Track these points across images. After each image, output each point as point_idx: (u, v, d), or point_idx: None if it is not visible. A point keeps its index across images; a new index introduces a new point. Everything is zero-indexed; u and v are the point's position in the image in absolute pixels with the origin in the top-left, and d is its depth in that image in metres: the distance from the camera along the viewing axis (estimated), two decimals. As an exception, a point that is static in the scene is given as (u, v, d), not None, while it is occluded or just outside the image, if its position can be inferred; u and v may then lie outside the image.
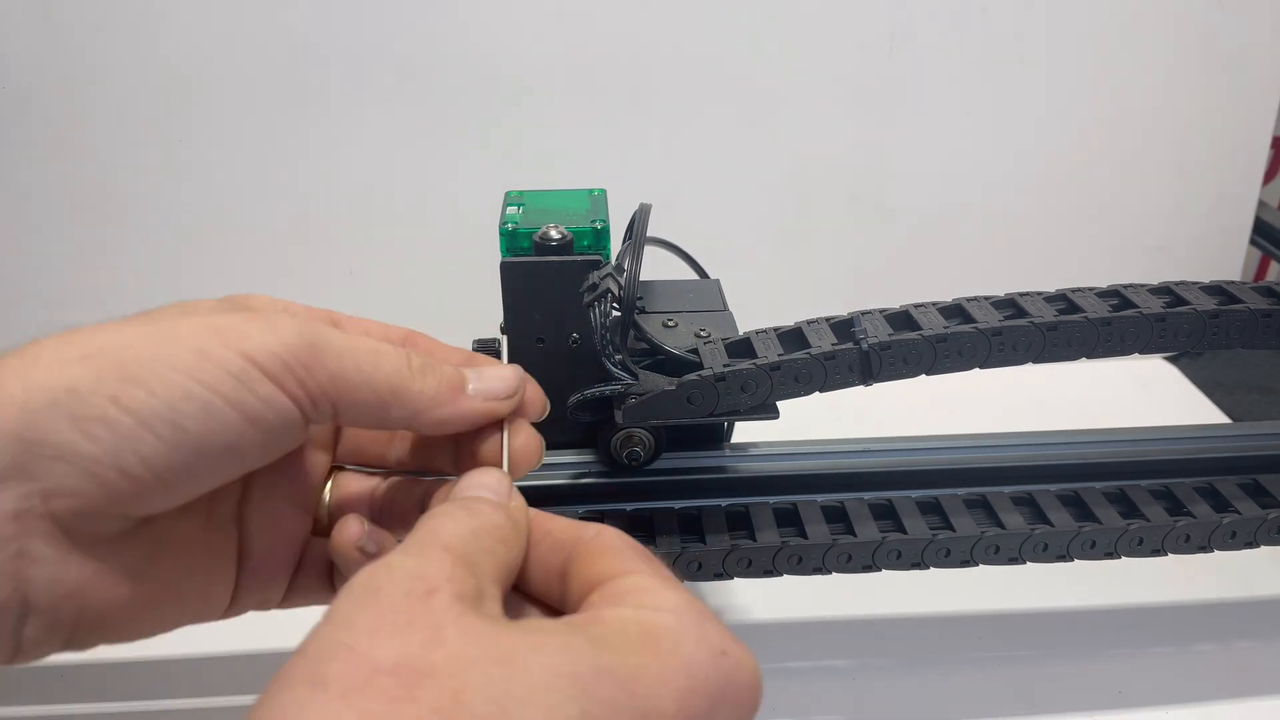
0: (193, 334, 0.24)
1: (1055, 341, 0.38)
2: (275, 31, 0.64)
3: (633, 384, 0.38)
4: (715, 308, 0.43)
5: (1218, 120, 0.75)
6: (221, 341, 0.24)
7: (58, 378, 0.23)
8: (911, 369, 0.38)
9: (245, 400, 0.24)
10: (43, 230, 0.68)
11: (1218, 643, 0.50)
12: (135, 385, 0.23)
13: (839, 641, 0.50)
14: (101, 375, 0.23)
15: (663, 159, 0.70)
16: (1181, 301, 0.39)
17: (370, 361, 0.26)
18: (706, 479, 0.42)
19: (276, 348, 0.24)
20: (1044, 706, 0.46)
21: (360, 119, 0.67)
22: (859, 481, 0.43)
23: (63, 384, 0.23)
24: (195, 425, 0.23)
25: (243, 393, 0.24)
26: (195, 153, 0.66)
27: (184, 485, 0.24)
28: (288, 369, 0.25)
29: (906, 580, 0.44)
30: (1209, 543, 0.42)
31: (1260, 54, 0.73)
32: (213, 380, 0.24)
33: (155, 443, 0.23)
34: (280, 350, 0.24)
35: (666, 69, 0.68)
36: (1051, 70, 0.71)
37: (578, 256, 0.39)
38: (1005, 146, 0.73)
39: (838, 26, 0.68)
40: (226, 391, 0.24)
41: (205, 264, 0.69)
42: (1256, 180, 0.78)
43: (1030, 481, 0.43)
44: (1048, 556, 0.42)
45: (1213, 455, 0.45)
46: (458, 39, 0.65)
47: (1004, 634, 0.51)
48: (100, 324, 0.25)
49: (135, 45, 0.63)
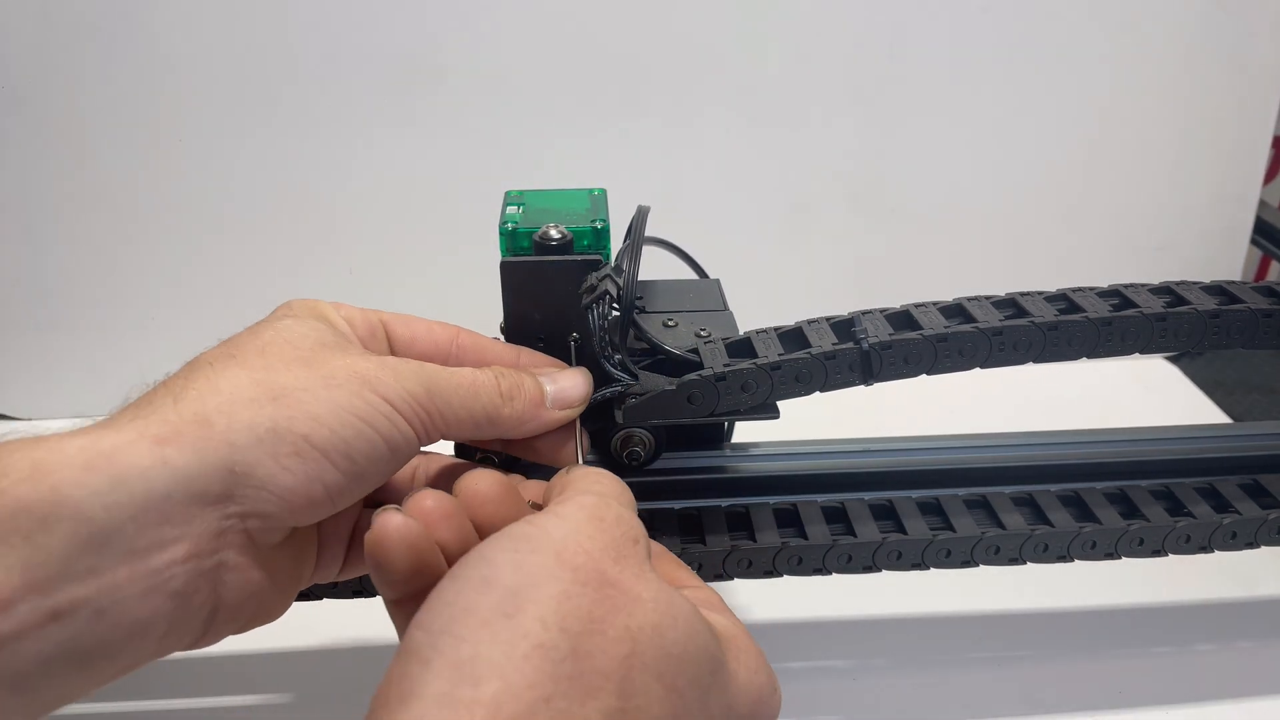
0: (348, 380, 0.29)
1: (1056, 341, 0.38)
2: (275, 31, 0.64)
3: (633, 384, 0.38)
4: (715, 308, 0.43)
5: (1218, 120, 0.75)
6: (371, 388, 0.29)
7: (258, 418, 0.27)
8: (912, 369, 0.38)
9: (393, 435, 0.30)
10: (41, 229, 0.68)
11: (1218, 643, 0.50)
12: (320, 425, 0.28)
13: (839, 641, 0.50)
14: (293, 416, 0.28)
15: (663, 159, 0.70)
16: (1182, 301, 0.39)
17: (471, 395, 0.32)
18: (706, 479, 0.42)
19: (406, 393, 0.30)
20: (1044, 706, 0.46)
21: (360, 119, 0.66)
22: (859, 481, 0.43)
23: (265, 424, 0.27)
24: (361, 456, 0.29)
25: (391, 430, 0.30)
26: (195, 152, 0.66)
27: (345, 502, 0.30)
28: (414, 410, 0.31)
29: (906, 580, 0.44)
30: (1209, 543, 0.42)
31: (1260, 54, 0.73)
32: (372, 420, 0.29)
33: (334, 472, 0.28)
34: (408, 395, 0.30)
35: (667, 68, 0.68)
36: (1052, 70, 0.71)
37: (577, 256, 0.39)
38: (1005, 146, 0.73)
39: (838, 26, 0.68)
40: (382, 429, 0.29)
41: (205, 263, 0.69)
42: (1257, 180, 0.78)
43: (1031, 482, 0.43)
44: (1048, 557, 0.42)
45: (1213, 455, 0.45)
46: (458, 39, 0.65)
47: (1004, 634, 0.51)
48: (249, 358, 0.29)
49: (135, 45, 0.63)
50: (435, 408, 0.31)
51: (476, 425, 0.33)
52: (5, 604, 0.23)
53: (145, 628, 0.26)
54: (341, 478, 0.29)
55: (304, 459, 0.28)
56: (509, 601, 0.24)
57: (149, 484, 0.25)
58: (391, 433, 0.30)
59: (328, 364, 0.29)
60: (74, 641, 0.24)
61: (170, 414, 0.27)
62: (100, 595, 0.24)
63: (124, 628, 0.25)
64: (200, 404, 0.27)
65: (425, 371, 0.31)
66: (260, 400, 0.27)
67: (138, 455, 0.25)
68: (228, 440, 0.27)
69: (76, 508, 0.24)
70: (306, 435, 0.28)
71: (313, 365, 0.29)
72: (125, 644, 0.26)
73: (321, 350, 0.30)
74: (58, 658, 0.24)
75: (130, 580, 0.25)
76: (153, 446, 0.25)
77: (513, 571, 0.24)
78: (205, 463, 0.26)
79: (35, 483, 0.24)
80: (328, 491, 0.29)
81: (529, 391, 0.35)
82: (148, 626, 0.26)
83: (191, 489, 0.26)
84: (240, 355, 0.29)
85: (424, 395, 0.31)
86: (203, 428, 0.26)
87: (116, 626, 0.25)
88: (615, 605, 0.25)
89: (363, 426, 0.29)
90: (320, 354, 0.30)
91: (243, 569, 0.28)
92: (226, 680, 0.48)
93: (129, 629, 0.25)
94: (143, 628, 0.26)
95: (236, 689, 0.47)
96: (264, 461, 0.27)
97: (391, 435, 0.30)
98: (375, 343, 0.35)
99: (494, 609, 0.23)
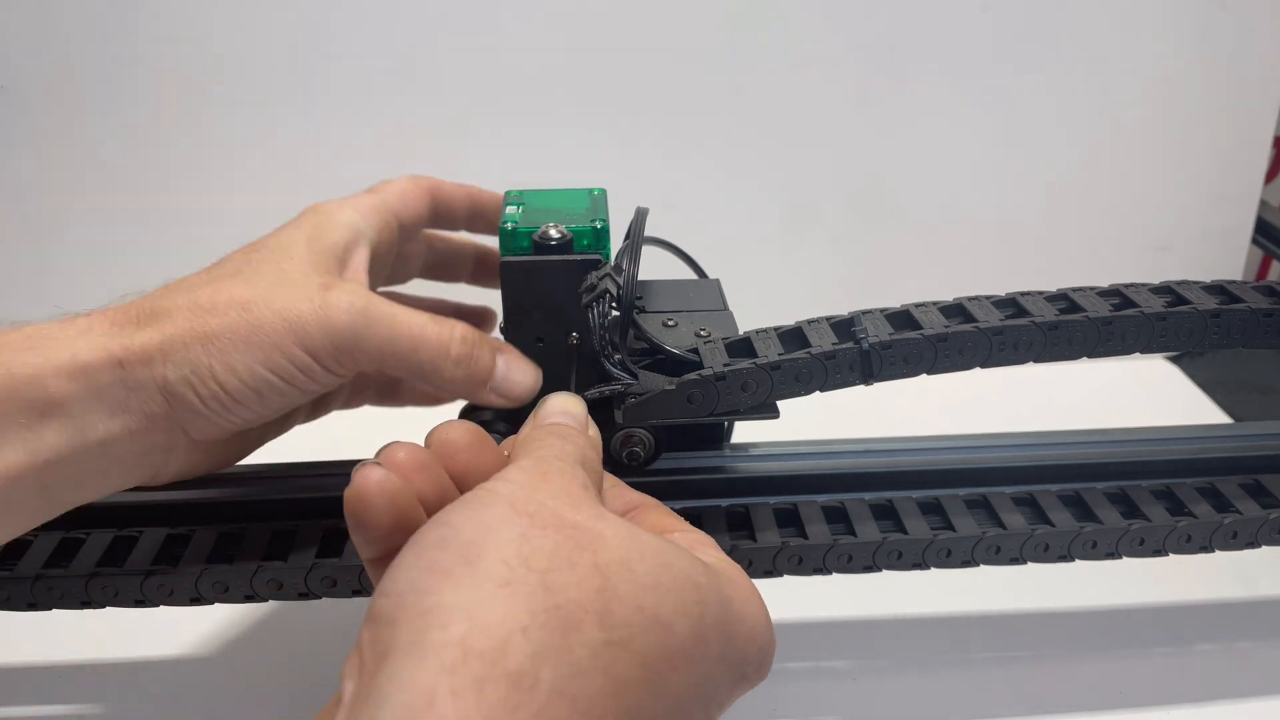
0: (274, 329, 0.33)
1: (1056, 341, 0.38)
2: (275, 31, 0.64)
3: (632, 384, 0.38)
4: (715, 307, 0.43)
5: (1218, 120, 0.75)
6: (295, 339, 0.33)
7: (187, 359, 0.32)
8: (912, 368, 0.38)
9: (306, 384, 0.34)
10: (40, 228, 0.68)
11: (1218, 643, 0.50)
12: (233, 375, 0.33)
13: (839, 641, 0.50)
14: (213, 366, 0.32)
15: (663, 159, 0.70)
16: (1183, 301, 0.39)
17: (410, 348, 0.35)
18: (706, 479, 0.42)
19: (329, 344, 0.33)
20: (1044, 706, 0.46)
21: (360, 118, 0.66)
22: (859, 481, 0.43)
23: (189, 367, 0.32)
24: (273, 401, 0.34)
25: (304, 380, 0.34)
26: (194, 151, 0.66)
27: (269, 418, 0.35)
28: (335, 358, 0.34)
29: (907, 580, 0.44)
30: (1210, 543, 0.42)
31: (1260, 54, 0.73)
32: (285, 373, 0.33)
33: (248, 410, 0.34)
34: (331, 345, 0.33)
35: (667, 68, 0.68)
36: (1052, 70, 0.71)
37: (577, 256, 0.39)
38: (1005, 146, 0.73)
39: (838, 25, 0.68)
40: (296, 380, 0.34)
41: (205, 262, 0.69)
42: (1258, 180, 0.78)
43: (1031, 482, 0.43)
44: (1049, 557, 0.42)
45: (1214, 455, 0.45)
46: (458, 38, 0.65)
47: (1004, 634, 0.51)
48: (219, 283, 0.34)
49: (133, 44, 0.63)
50: (363, 354, 0.34)
51: (410, 374, 0.35)
52: (7, 474, 0.30)
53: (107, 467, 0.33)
54: (255, 413, 0.34)
55: (219, 400, 0.33)
56: (469, 550, 0.23)
57: (114, 395, 0.32)
58: (305, 381, 0.34)
59: (269, 305, 0.33)
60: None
61: (133, 339, 0.32)
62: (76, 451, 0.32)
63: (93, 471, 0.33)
64: (151, 335, 0.32)
65: (367, 315, 0.34)
66: (192, 344, 0.32)
67: (106, 372, 0.32)
68: (164, 375, 0.32)
69: (64, 407, 0.31)
70: (221, 382, 0.32)
71: (251, 309, 0.33)
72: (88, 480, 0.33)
73: (275, 289, 0.34)
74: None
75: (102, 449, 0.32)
76: (115, 367, 0.32)
77: (470, 525, 0.24)
78: (147, 388, 0.32)
79: (35, 386, 0.31)
80: (245, 421, 0.34)
81: (480, 364, 0.37)
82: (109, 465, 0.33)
83: (144, 406, 0.32)
84: (214, 282, 0.34)
85: (351, 343, 0.34)
86: (146, 363, 0.32)
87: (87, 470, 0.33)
88: (578, 543, 0.25)
89: (273, 379, 0.33)
90: (271, 294, 0.33)
91: (184, 452, 0.35)
92: (227, 680, 0.48)
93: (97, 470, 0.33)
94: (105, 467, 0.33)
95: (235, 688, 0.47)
96: (188, 397, 0.32)
97: (305, 383, 0.34)
98: (385, 235, 0.40)
99: (454, 560, 0.23)
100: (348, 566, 0.39)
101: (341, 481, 0.41)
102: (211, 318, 0.33)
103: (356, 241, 0.38)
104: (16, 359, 0.31)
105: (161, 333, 0.32)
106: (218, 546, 0.40)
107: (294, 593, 0.39)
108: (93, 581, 0.38)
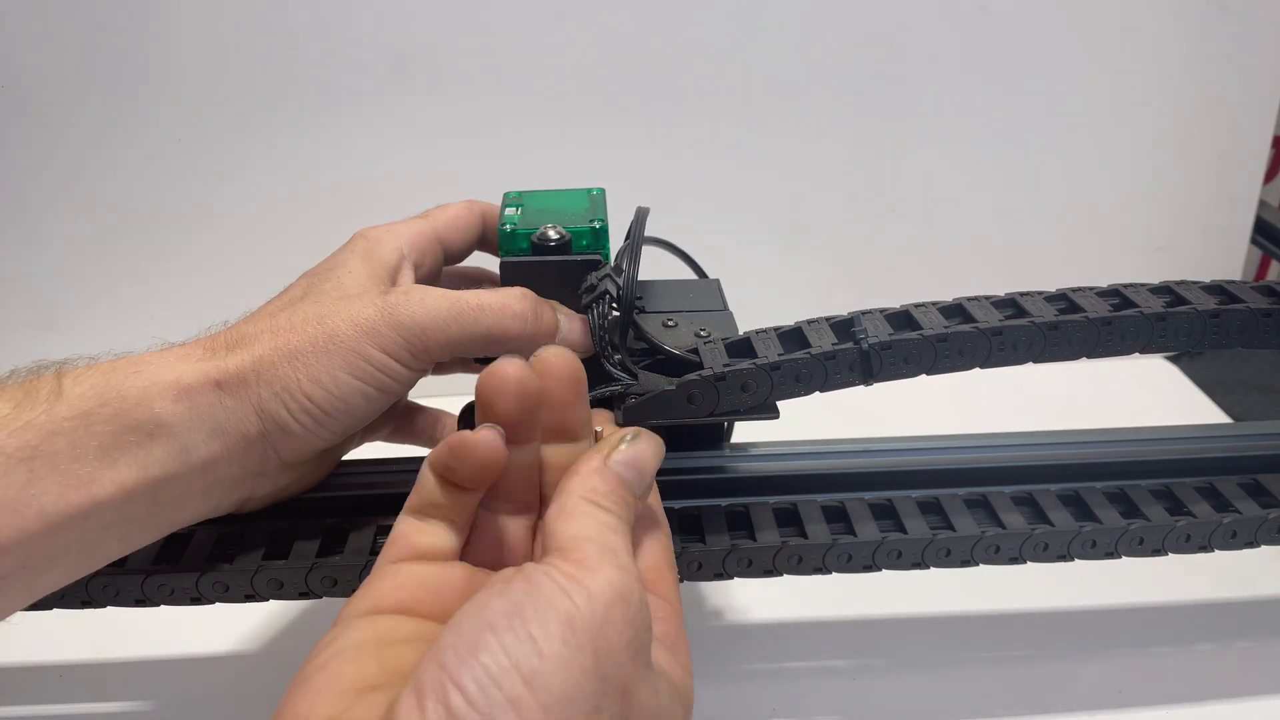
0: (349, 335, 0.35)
1: (1056, 341, 0.38)
2: (275, 31, 0.64)
3: (632, 384, 0.38)
4: (715, 307, 0.43)
5: (1218, 120, 0.75)
6: (370, 341, 0.35)
7: (276, 377, 0.34)
8: (912, 369, 0.38)
9: (386, 383, 0.36)
10: (40, 228, 0.68)
11: (1218, 643, 0.50)
12: (319, 387, 0.34)
13: (839, 641, 0.50)
14: (299, 378, 0.34)
15: (662, 159, 0.70)
16: (1182, 301, 0.39)
17: (472, 319, 0.36)
18: (706, 479, 0.42)
19: (400, 340, 0.35)
20: (1044, 706, 0.46)
21: (360, 119, 0.66)
22: (859, 481, 0.43)
23: (279, 383, 0.34)
24: (358, 407, 0.36)
25: (384, 379, 0.36)
26: (194, 152, 0.66)
27: (356, 429, 0.37)
28: (409, 351, 0.36)
29: (906, 580, 0.44)
30: (1209, 542, 0.42)
31: (1260, 54, 0.73)
32: (365, 375, 0.35)
33: (336, 420, 0.35)
34: (402, 341, 0.35)
35: (666, 68, 0.68)
36: (1052, 70, 0.71)
37: (576, 256, 0.39)
38: (1005, 146, 0.73)
39: (838, 25, 0.68)
40: (376, 381, 0.35)
41: (205, 262, 0.69)
42: (1257, 180, 0.78)
43: (1030, 481, 0.43)
44: (1048, 556, 0.42)
45: (1213, 455, 0.45)
46: (457, 39, 0.65)
47: (1004, 634, 0.51)
48: (294, 309, 0.36)
49: (133, 44, 0.63)
50: (433, 340, 0.36)
51: (481, 345, 0.37)
52: (122, 488, 0.32)
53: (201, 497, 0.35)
54: (342, 424, 0.36)
55: (309, 414, 0.35)
56: (543, 698, 0.23)
57: (214, 416, 0.34)
58: (385, 380, 0.36)
59: (340, 315, 0.35)
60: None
61: (226, 362, 0.34)
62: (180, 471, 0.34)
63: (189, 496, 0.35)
64: (242, 358, 0.34)
65: (425, 303, 0.36)
66: (279, 362, 0.34)
67: (206, 394, 0.34)
68: (257, 394, 0.34)
69: (170, 428, 0.33)
70: (309, 395, 0.34)
71: (325, 322, 0.35)
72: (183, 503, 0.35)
73: (342, 302, 0.36)
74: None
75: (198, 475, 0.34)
76: (214, 389, 0.34)
77: (557, 669, 0.24)
78: (243, 409, 0.34)
79: (144, 407, 0.33)
80: (334, 434, 0.36)
81: (544, 319, 0.38)
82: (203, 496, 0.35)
83: (240, 427, 0.34)
84: (289, 306, 0.36)
85: (419, 333, 0.35)
86: (241, 384, 0.34)
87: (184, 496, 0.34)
88: (622, 708, 0.25)
89: (355, 383, 0.35)
90: (340, 307, 0.36)
91: (274, 475, 0.37)
92: (224, 680, 0.48)
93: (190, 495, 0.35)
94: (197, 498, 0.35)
95: (232, 688, 0.47)
96: (280, 413, 0.34)
97: (385, 382, 0.36)
98: (429, 258, 0.41)
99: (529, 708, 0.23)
100: (348, 566, 0.39)
101: (341, 481, 0.41)
102: (292, 336, 0.35)
103: (401, 264, 0.39)
104: (126, 382, 0.33)
105: (251, 354, 0.34)
106: (218, 546, 0.40)
107: (294, 592, 0.39)
108: (93, 581, 0.38)
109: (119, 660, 0.49)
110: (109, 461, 0.32)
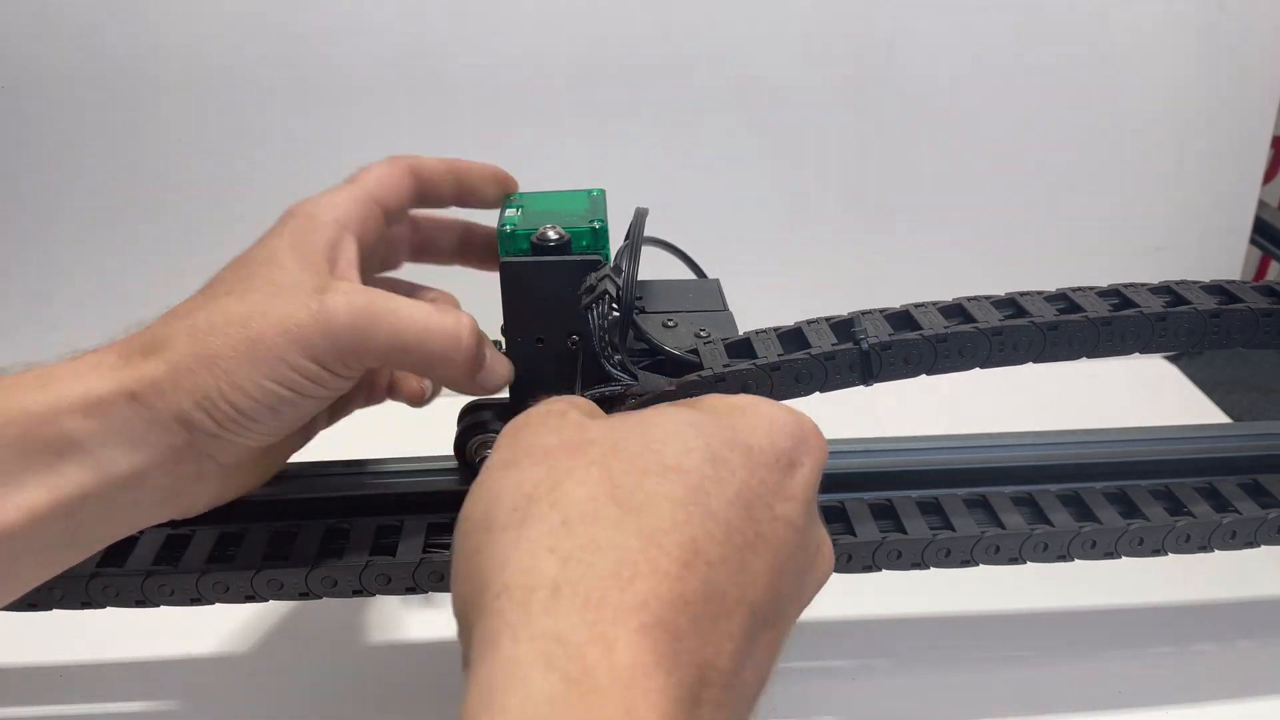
0: (275, 340, 0.32)
1: (1056, 341, 0.38)
2: (275, 31, 0.64)
3: (632, 384, 0.38)
4: (715, 308, 0.43)
5: (1218, 120, 0.75)
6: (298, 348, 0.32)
7: (196, 385, 0.32)
8: (912, 369, 0.38)
9: (315, 390, 0.33)
10: (39, 228, 0.68)
11: (1218, 643, 0.50)
12: (245, 395, 0.32)
13: (839, 641, 0.50)
14: (221, 387, 0.32)
15: (662, 159, 0.70)
16: (1182, 301, 0.39)
17: (416, 340, 0.34)
18: (706, 479, 0.42)
19: (332, 349, 0.33)
20: (1044, 706, 0.46)
21: (360, 120, 0.66)
22: (859, 481, 0.43)
23: (200, 391, 0.32)
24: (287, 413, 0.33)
25: (313, 387, 0.33)
26: (193, 151, 0.66)
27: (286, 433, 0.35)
28: (341, 360, 0.33)
29: (906, 580, 0.44)
30: (1209, 542, 0.42)
31: (1260, 54, 0.73)
32: (293, 383, 0.33)
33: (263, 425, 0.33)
34: (334, 350, 0.33)
35: (666, 68, 0.68)
36: (1051, 70, 0.71)
37: (576, 256, 0.39)
38: (1005, 146, 0.73)
39: (838, 24, 0.68)
40: (304, 389, 0.33)
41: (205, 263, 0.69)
42: (1256, 179, 0.78)
43: (1031, 482, 0.43)
44: (1048, 556, 0.42)
45: (1213, 455, 0.45)
46: (457, 39, 0.65)
47: (1004, 634, 0.51)
48: (212, 307, 0.33)
49: (133, 44, 0.63)
50: (369, 353, 0.34)
51: (418, 367, 0.36)
52: (31, 512, 0.30)
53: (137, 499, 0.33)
54: (272, 428, 0.33)
55: (235, 421, 0.32)
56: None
57: (132, 429, 0.31)
58: (315, 389, 0.33)
59: (267, 318, 0.32)
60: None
61: (141, 370, 0.32)
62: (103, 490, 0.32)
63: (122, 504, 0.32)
64: (157, 365, 0.32)
65: (368, 314, 0.33)
66: (197, 369, 0.32)
67: (121, 406, 0.31)
68: (177, 404, 0.31)
69: (82, 445, 0.31)
70: (233, 403, 0.32)
71: (250, 325, 0.32)
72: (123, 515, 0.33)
73: (271, 300, 0.33)
74: None
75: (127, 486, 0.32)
76: (129, 400, 0.31)
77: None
78: (164, 420, 0.32)
79: (51, 424, 0.30)
80: (265, 437, 0.34)
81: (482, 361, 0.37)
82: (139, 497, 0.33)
83: (164, 439, 0.32)
84: (210, 303, 0.33)
85: (356, 344, 0.33)
86: (159, 394, 0.31)
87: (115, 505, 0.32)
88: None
89: (283, 392, 0.32)
90: (268, 306, 0.33)
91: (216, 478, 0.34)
92: (224, 680, 0.48)
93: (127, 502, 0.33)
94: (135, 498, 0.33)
95: (232, 688, 0.47)
96: (204, 422, 0.32)
97: (315, 391, 0.33)
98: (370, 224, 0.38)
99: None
100: (348, 566, 0.39)
101: (341, 482, 0.42)
102: (212, 339, 0.32)
103: (341, 237, 0.36)
104: (31, 398, 0.31)
105: (166, 361, 0.32)
106: (218, 546, 0.40)
107: (294, 593, 0.39)
108: (93, 581, 0.38)
109: (119, 660, 0.49)
110: (15, 485, 0.30)
